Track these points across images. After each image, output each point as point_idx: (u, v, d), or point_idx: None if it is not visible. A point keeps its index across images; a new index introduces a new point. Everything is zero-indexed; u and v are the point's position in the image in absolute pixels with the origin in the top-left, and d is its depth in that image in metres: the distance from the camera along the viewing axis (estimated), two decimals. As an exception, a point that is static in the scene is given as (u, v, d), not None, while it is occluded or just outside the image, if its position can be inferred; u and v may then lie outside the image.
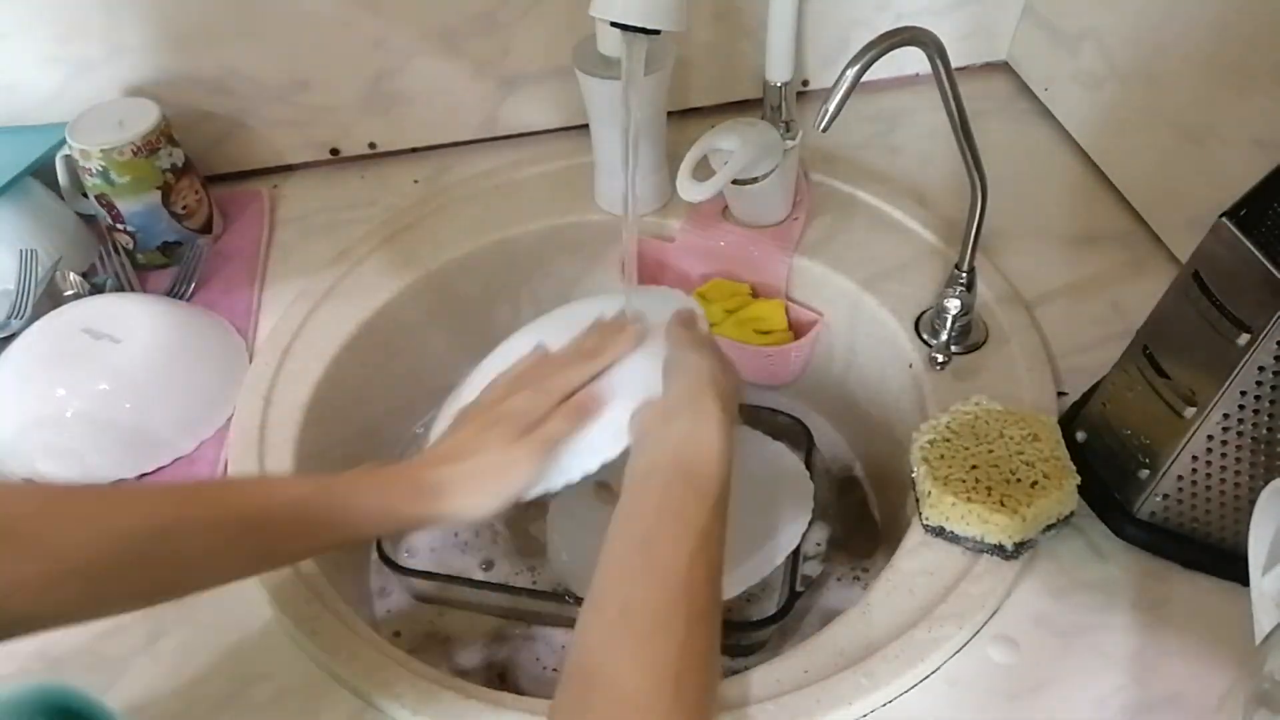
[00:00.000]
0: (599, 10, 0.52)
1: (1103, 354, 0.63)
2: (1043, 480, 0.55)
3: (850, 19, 0.88)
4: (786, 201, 0.78)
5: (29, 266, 0.72)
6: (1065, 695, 0.51)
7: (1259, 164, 0.49)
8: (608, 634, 0.43)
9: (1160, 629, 0.53)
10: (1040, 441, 0.57)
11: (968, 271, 0.66)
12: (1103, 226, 0.78)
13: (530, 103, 0.88)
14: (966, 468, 0.56)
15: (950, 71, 0.57)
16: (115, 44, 0.78)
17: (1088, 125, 0.83)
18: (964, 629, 0.53)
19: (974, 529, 0.55)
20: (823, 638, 0.55)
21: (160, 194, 0.77)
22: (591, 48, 0.73)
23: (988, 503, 0.54)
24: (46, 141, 0.76)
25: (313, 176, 0.89)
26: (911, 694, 0.52)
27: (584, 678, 0.42)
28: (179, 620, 0.57)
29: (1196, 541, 0.55)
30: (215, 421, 0.68)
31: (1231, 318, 0.47)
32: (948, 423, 0.59)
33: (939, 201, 0.80)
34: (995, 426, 0.59)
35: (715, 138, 0.67)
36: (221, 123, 0.84)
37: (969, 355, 0.68)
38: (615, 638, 0.42)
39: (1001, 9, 0.90)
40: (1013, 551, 0.55)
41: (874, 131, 0.89)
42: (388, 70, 0.83)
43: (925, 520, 0.57)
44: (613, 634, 0.43)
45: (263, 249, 0.81)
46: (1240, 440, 0.50)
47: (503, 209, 0.83)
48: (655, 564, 0.44)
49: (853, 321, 0.76)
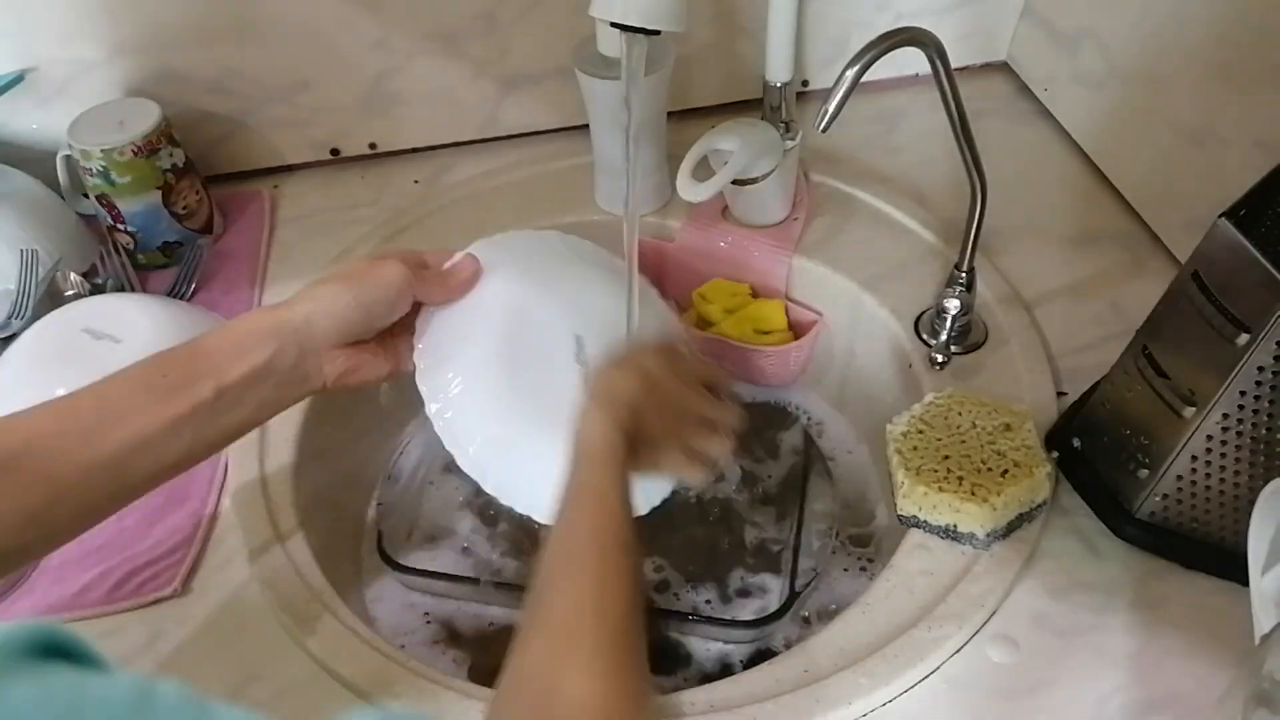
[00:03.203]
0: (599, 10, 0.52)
1: (1103, 354, 0.63)
2: (1013, 469, 0.56)
3: (850, 19, 0.88)
4: (786, 201, 0.78)
5: (29, 266, 0.73)
6: (1065, 695, 0.51)
7: (1259, 164, 0.49)
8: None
9: (1160, 629, 0.54)
10: (1012, 431, 0.58)
11: (968, 271, 0.66)
12: (1103, 226, 0.78)
13: (530, 103, 0.88)
14: (939, 458, 0.57)
15: (950, 71, 0.57)
16: (115, 44, 0.78)
17: (1088, 125, 0.83)
18: (964, 629, 0.54)
19: (945, 518, 0.56)
20: (823, 638, 0.55)
21: (160, 194, 0.77)
22: (591, 48, 0.73)
23: (959, 492, 0.55)
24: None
25: (313, 176, 0.89)
26: (911, 694, 0.52)
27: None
28: (179, 620, 0.57)
29: (1196, 541, 0.55)
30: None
31: (1231, 318, 0.47)
32: (921, 414, 0.60)
33: (939, 201, 0.80)
34: (968, 417, 0.59)
35: (715, 138, 0.67)
36: (221, 123, 0.84)
37: (969, 355, 0.68)
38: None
39: (1001, 9, 0.90)
40: (984, 541, 0.56)
41: (874, 131, 0.89)
42: (388, 70, 0.83)
43: (899, 510, 0.58)
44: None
45: (263, 249, 0.81)
46: (1240, 440, 0.50)
47: (503, 209, 0.83)
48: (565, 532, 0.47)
49: (853, 321, 0.76)
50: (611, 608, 0.43)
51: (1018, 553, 0.56)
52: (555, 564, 0.45)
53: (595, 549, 0.45)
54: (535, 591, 0.45)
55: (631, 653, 0.43)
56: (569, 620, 0.43)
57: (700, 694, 0.52)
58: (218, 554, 0.61)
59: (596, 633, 0.42)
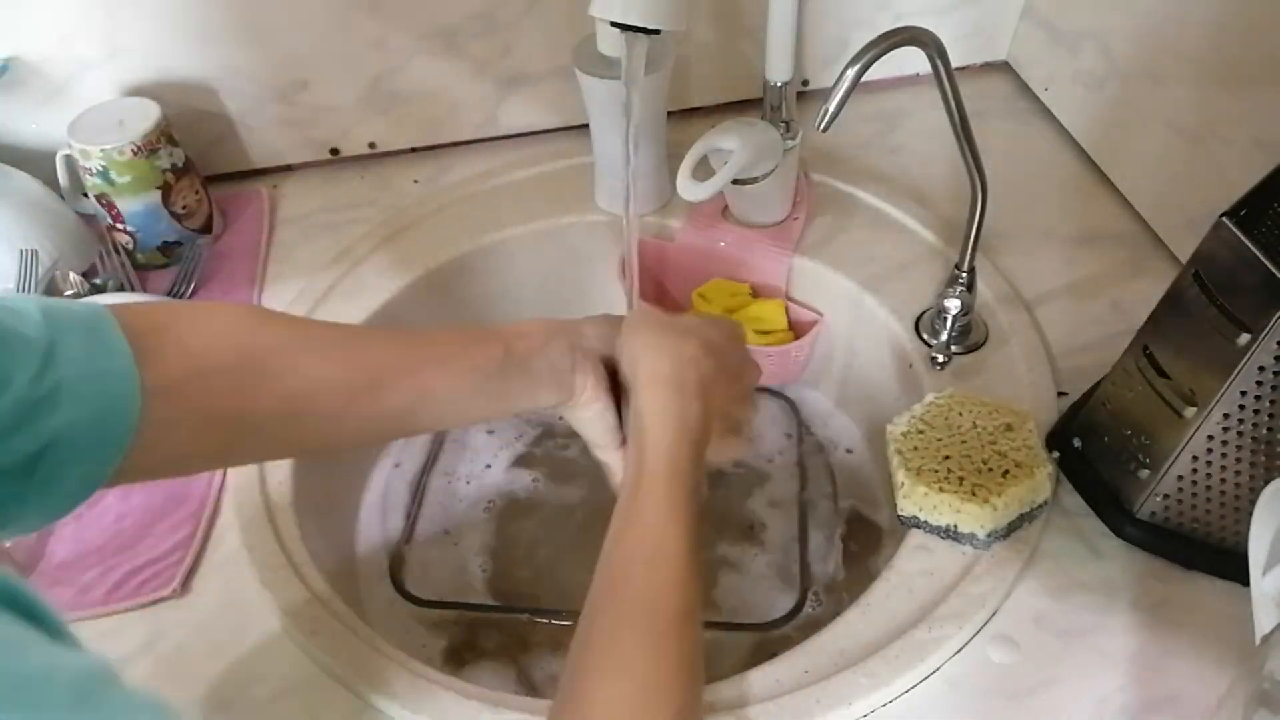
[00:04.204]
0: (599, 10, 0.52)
1: (1103, 354, 0.63)
2: (1014, 469, 0.56)
3: (850, 19, 0.88)
4: (786, 201, 0.78)
5: (29, 266, 0.72)
6: (1065, 695, 0.51)
7: (1259, 164, 0.49)
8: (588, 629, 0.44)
9: (1160, 629, 0.53)
10: (1013, 431, 0.58)
11: (968, 271, 0.66)
12: (1103, 226, 0.78)
13: (530, 103, 0.88)
14: (940, 458, 0.57)
15: (950, 71, 0.57)
16: (115, 44, 0.78)
17: (1088, 125, 0.83)
18: (964, 629, 0.53)
19: (946, 518, 0.56)
20: (823, 638, 0.55)
21: (160, 194, 0.77)
22: (591, 48, 0.73)
23: (959, 492, 0.55)
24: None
25: (313, 176, 0.89)
26: (912, 694, 0.52)
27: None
28: (179, 620, 0.57)
29: (1196, 541, 0.55)
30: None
31: (1232, 318, 0.47)
32: (921, 414, 0.60)
33: (939, 201, 0.80)
34: (969, 417, 0.59)
35: (715, 138, 0.67)
36: (221, 123, 0.84)
37: (969, 355, 0.68)
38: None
39: (1001, 9, 0.90)
40: (985, 541, 0.56)
41: (874, 131, 0.89)
42: (388, 70, 0.83)
43: (899, 510, 0.58)
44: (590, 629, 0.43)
45: (263, 249, 0.81)
46: (1240, 440, 0.50)
47: (503, 209, 0.83)
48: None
49: (853, 321, 0.76)
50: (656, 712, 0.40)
51: (1018, 553, 0.56)
52: (597, 644, 0.42)
53: (649, 636, 0.42)
54: (572, 669, 0.42)
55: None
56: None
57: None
58: (218, 554, 0.61)
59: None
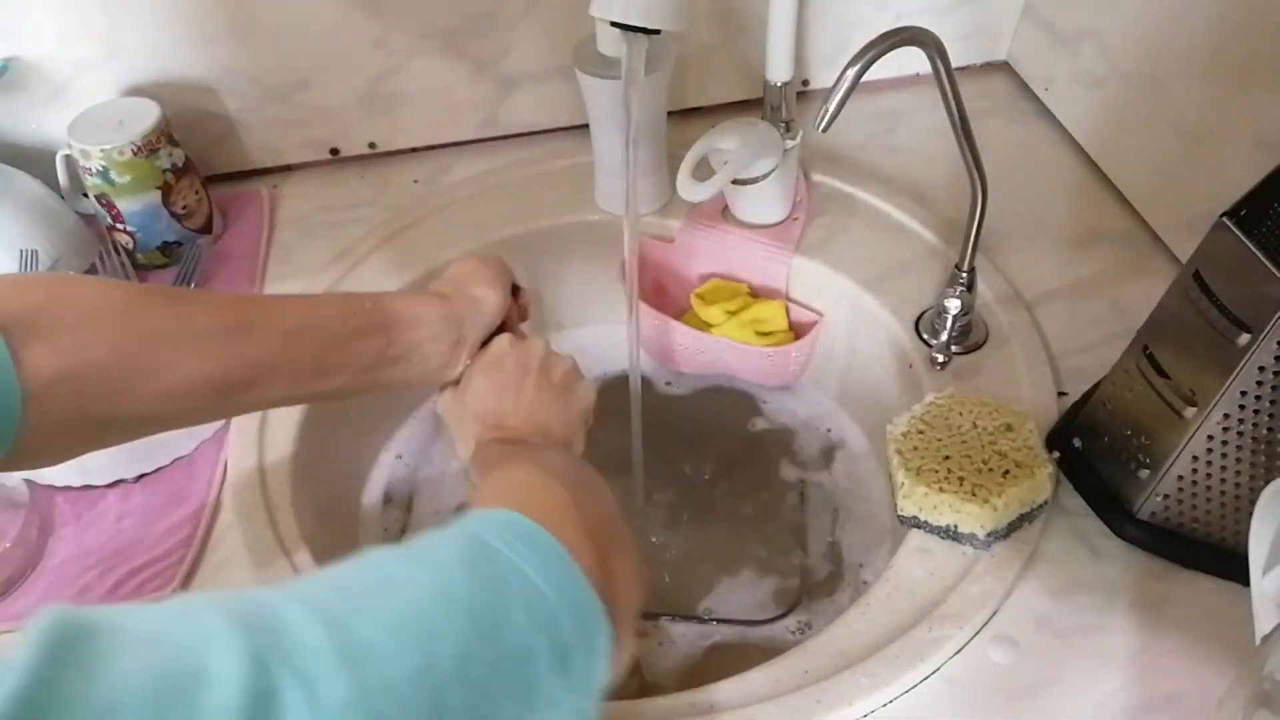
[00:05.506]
0: (599, 10, 0.52)
1: (1103, 354, 0.63)
2: (1014, 469, 0.56)
3: (850, 19, 0.88)
4: (786, 201, 0.78)
5: (29, 266, 0.72)
6: (1065, 695, 0.51)
7: (1259, 164, 0.49)
8: None
9: (1160, 629, 0.53)
10: (1013, 431, 0.58)
11: (968, 271, 0.66)
12: (1103, 226, 0.78)
13: (530, 103, 0.88)
14: (940, 458, 0.57)
15: (950, 71, 0.57)
16: (115, 44, 0.78)
17: (1088, 125, 0.83)
18: (964, 629, 0.53)
19: (946, 518, 0.56)
20: (823, 638, 0.55)
21: (160, 194, 0.77)
22: (591, 48, 0.73)
23: (959, 492, 0.55)
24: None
25: (313, 176, 0.89)
26: (912, 694, 0.52)
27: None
28: (179, 620, 0.57)
29: (1196, 541, 0.55)
30: (215, 422, 0.68)
31: (1232, 318, 0.47)
32: (921, 414, 0.60)
33: (939, 201, 0.80)
34: (969, 417, 0.59)
35: (715, 138, 0.67)
36: (221, 123, 0.84)
37: (969, 355, 0.68)
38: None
39: (1001, 9, 0.90)
40: (985, 541, 0.56)
41: (874, 131, 0.89)
42: (388, 70, 0.83)
43: (899, 510, 0.58)
44: None
45: (263, 249, 0.81)
46: (1240, 440, 0.50)
47: (503, 209, 0.83)
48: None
49: (853, 322, 0.76)
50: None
51: (1018, 553, 0.56)
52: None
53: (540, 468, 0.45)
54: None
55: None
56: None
57: (701, 694, 0.52)
58: (218, 554, 0.61)
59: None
